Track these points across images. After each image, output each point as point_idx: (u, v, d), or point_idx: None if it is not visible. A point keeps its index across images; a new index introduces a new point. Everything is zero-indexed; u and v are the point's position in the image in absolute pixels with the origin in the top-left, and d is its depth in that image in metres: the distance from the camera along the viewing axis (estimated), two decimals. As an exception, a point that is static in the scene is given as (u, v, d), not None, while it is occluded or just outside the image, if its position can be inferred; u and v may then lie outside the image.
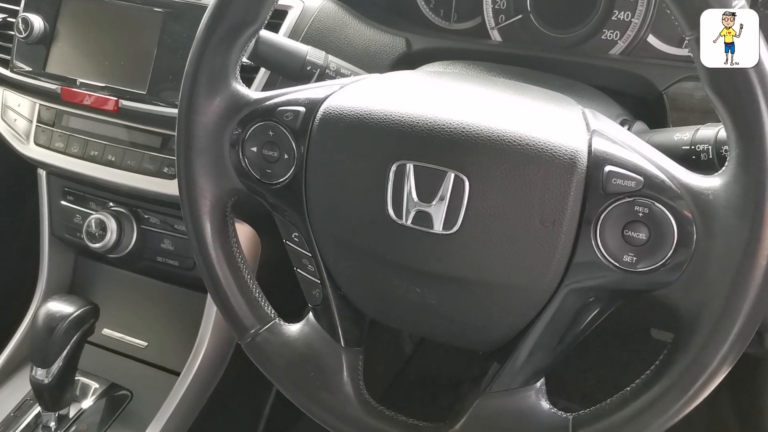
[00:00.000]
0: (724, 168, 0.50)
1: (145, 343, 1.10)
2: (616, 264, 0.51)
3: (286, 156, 0.61)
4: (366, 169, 0.57)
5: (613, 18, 0.90)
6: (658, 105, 0.78)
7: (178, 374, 1.04)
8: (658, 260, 0.50)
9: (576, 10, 0.91)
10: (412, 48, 0.89)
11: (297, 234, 0.64)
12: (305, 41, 0.83)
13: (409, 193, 0.54)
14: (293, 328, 0.68)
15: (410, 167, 0.54)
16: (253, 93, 0.64)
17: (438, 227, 0.54)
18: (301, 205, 0.62)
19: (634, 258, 0.51)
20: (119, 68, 0.96)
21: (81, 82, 0.99)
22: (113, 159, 1.00)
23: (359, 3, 0.96)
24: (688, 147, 0.62)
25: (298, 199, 0.62)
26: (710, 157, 0.60)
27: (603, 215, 0.51)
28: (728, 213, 0.48)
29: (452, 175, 0.53)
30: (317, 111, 0.60)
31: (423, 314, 0.61)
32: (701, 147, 0.61)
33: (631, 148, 0.52)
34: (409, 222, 0.55)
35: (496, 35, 0.97)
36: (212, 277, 0.66)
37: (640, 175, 0.50)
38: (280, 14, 0.90)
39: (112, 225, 1.00)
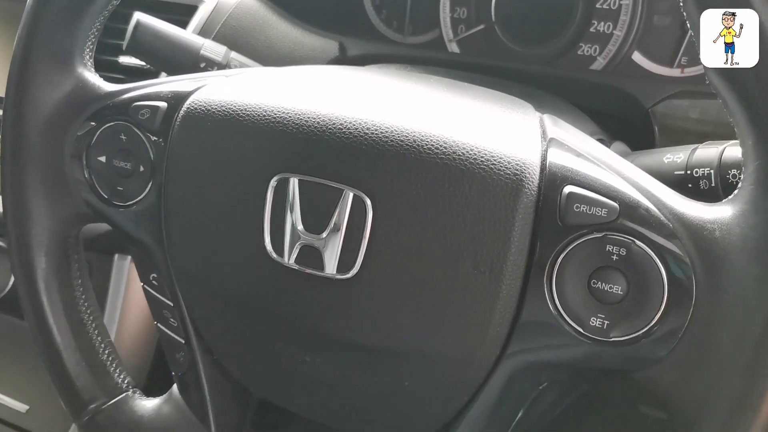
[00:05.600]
0: (735, 193, 0.36)
1: (26, 407, 0.92)
2: (580, 329, 0.37)
3: (141, 168, 0.47)
4: (237, 185, 0.42)
5: (591, 30, 0.77)
6: (643, 126, 0.64)
7: (60, 447, 0.85)
8: (641, 326, 0.36)
9: (548, 19, 0.78)
10: (347, 53, 0.75)
11: (156, 275, 0.48)
12: (218, 42, 0.68)
13: (293, 220, 0.39)
14: (149, 405, 0.51)
15: (294, 183, 0.40)
16: (107, 84, 0.49)
17: (330, 269, 0.39)
18: (159, 236, 0.47)
19: (606, 321, 0.36)
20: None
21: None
22: None
23: (288, 2, 0.82)
24: (682, 172, 0.49)
25: (156, 226, 0.47)
26: (712, 184, 0.47)
27: (561, 257, 0.37)
28: (743, 256, 0.35)
29: (350, 195, 0.39)
30: (181, 107, 0.44)
31: (317, 393, 0.45)
32: (700, 171, 0.48)
33: (602, 163, 0.38)
34: (291, 261, 0.40)
35: (454, 48, 0.83)
36: (42, 332, 0.50)
37: (614, 201, 0.36)
38: (190, 10, 0.77)
39: (-18, 262, 0.83)
